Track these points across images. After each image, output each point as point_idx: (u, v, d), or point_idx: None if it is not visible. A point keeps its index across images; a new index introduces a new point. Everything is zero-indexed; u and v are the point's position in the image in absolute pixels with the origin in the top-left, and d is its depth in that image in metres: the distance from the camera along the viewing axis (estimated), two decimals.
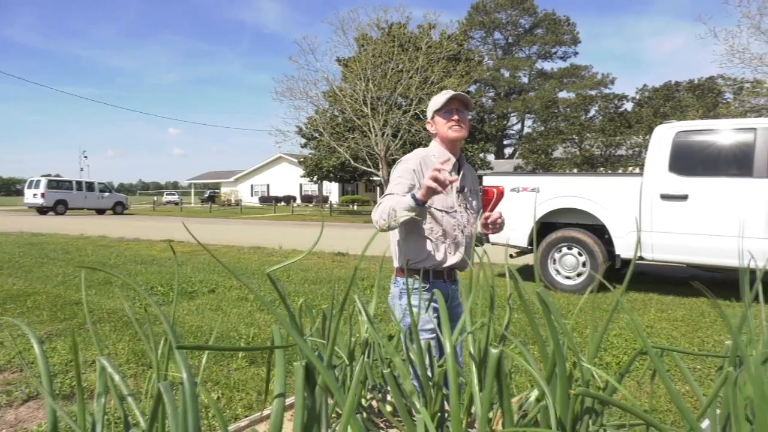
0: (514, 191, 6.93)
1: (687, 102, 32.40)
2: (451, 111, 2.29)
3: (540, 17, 53.07)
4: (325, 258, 10.07)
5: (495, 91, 53.40)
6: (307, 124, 29.21)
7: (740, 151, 5.88)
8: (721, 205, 5.83)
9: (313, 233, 16.02)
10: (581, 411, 1.02)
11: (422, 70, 24.25)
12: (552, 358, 1.06)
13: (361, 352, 1.44)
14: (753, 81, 24.19)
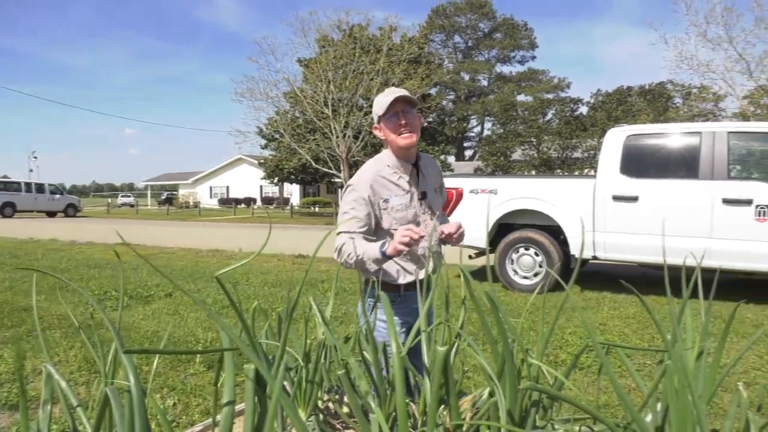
0: (472, 193, 7.03)
1: (639, 106, 33.49)
2: (397, 114, 2.09)
3: (498, 22, 53.95)
4: (286, 260, 9.99)
5: (455, 94, 54.00)
6: (268, 125, 28.92)
7: (687, 154, 6.12)
8: (669, 206, 6.05)
9: (274, 235, 15.86)
10: (529, 405, 1.05)
11: (383, 73, 24.34)
12: (502, 355, 1.09)
13: (317, 354, 1.44)
14: (700, 87, 25.17)
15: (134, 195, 62.44)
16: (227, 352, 0.80)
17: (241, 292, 6.81)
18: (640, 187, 6.23)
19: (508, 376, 1.05)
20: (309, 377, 1.41)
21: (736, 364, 4.02)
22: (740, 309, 5.79)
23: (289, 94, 26.75)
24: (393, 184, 2.14)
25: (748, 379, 3.84)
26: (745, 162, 6.06)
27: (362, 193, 2.09)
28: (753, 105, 21.60)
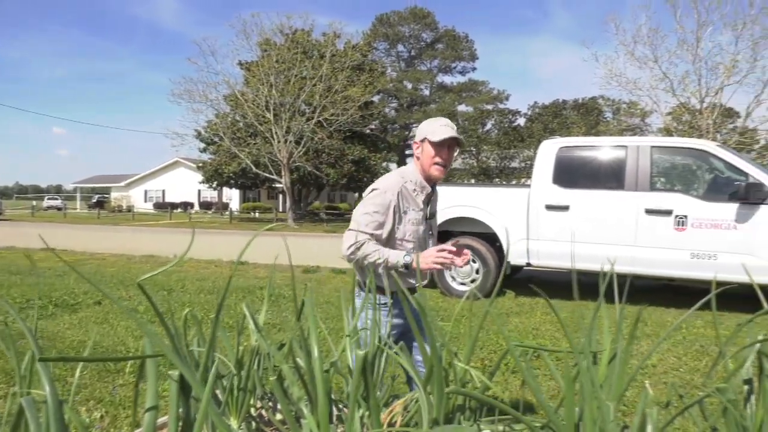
0: None
1: (573, 119, 34.93)
2: (443, 146, 2.24)
3: (441, 33, 54.95)
4: (224, 267, 9.78)
5: (398, 102, 54.53)
6: (207, 128, 28.27)
7: (614, 166, 6.44)
8: (598, 215, 6.34)
9: (213, 241, 15.49)
10: (454, 408, 1.09)
11: (326, 78, 24.31)
12: (430, 360, 1.12)
13: (250, 361, 1.43)
14: (629, 102, 26.54)
15: (62, 197, 59.40)
16: (150, 359, 0.79)
17: (176, 299, 6.61)
18: (570, 196, 6.50)
19: (435, 380, 1.08)
20: (241, 384, 1.40)
21: (643, 364, 4.25)
22: (662, 313, 6.14)
23: (229, 97, 26.28)
24: (413, 199, 2.29)
25: (668, 378, 4.06)
26: (666, 174, 6.44)
27: (390, 199, 2.21)
28: (675, 121, 22.95)
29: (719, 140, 21.14)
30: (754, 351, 1.15)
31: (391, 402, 1.44)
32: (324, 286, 7.73)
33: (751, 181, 5.74)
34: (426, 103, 53.92)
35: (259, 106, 24.51)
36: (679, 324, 5.56)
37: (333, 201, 52.18)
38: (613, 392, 1.13)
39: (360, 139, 31.08)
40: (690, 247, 5.95)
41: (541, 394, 1.03)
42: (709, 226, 5.89)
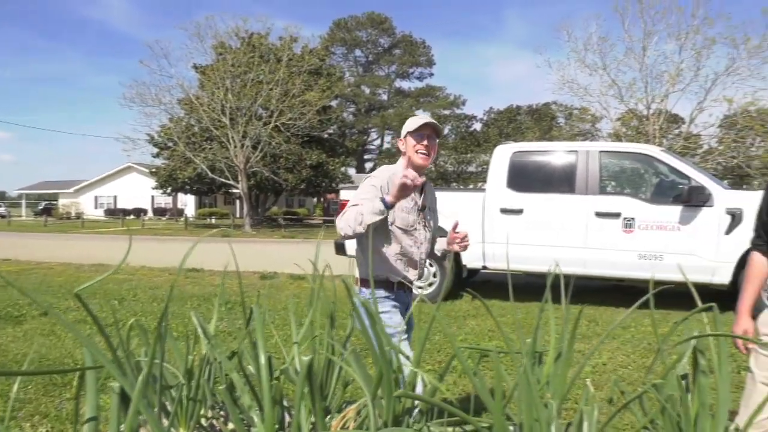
0: None
1: (527, 124, 35.71)
2: (423, 135, 2.37)
3: (398, 38, 55.34)
4: (177, 274, 9.56)
5: (356, 107, 54.58)
6: (160, 133, 27.61)
7: (565, 170, 6.62)
8: (550, 218, 6.49)
9: (167, 248, 15.11)
10: (404, 411, 1.10)
11: (283, 83, 24.12)
12: (380, 364, 1.13)
13: (200, 370, 1.41)
14: (580, 108, 27.30)
15: (6, 204, 56.86)
16: (90, 371, 0.77)
17: (127, 308, 6.43)
18: (524, 200, 6.63)
19: (384, 384, 1.09)
20: (191, 395, 1.38)
21: (595, 363, 4.37)
22: (612, 313, 6.32)
23: (183, 100, 25.76)
24: None
25: (617, 376, 4.19)
26: (614, 178, 6.65)
27: (378, 182, 2.31)
28: (624, 126, 23.74)
29: (665, 145, 21.98)
30: (689, 348, 1.20)
31: (345, 407, 1.45)
32: (282, 293, 7.65)
33: (693, 185, 5.99)
34: (384, 108, 54.15)
35: (214, 110, 24.11)
36: (620, 324, 5.73)
37: (291, 206, 51.72)
38: (557, 390, 1.17)
39: (318, 144, 30.94)
40: (637, 249, 6.16)
41: (487, 394, 1.05)
42: (655, 227, 6.11)
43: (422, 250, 2.47)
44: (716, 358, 1.20)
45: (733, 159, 21.00)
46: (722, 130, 22.62)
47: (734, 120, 21.44)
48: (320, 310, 1.56)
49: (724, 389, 1.19)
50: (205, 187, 31.45)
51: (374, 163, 55.77)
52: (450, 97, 53.24)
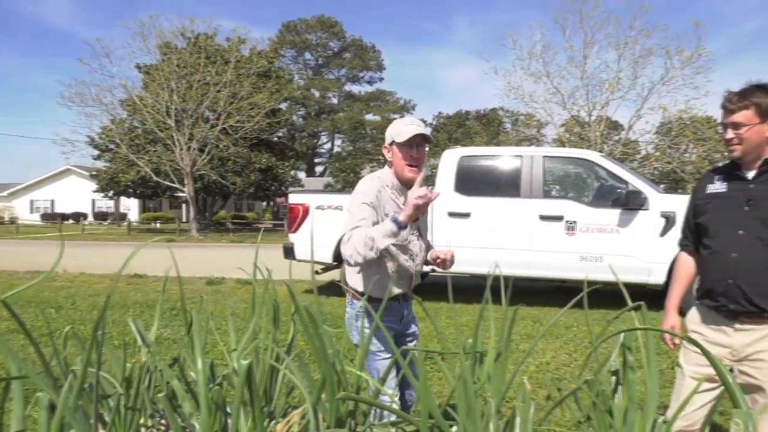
0: (319, 209, 7.12)
1: (475, 129, 36.38)
2: (413, 146, 2.23)
3: (348, 42, 55.44)
4: (120, 281, 9.24)
5: (306, 110, 54.28)
6: (102, 134, 26.64)
7: (510, 174, 6.79)
8: (496, 221, 6.64)
9: (108, 254, 14.57)
10: (347, 414, 1.11)
11: (231, 85, 23.72)
12: (323, 367, 1.14)
13: (139, 378, 1.38)
14: (526, 114, 28.05)
15: None
16: (16, 381, 0.75)
17: (64, 317, 6.17)
18: (471, 204, 6.76)
19: (327, 387, 1.10)
20: (129, 403, 1.34)
21: (526, 362, 4.50)
22: (556, 313, 6.51)
23: (126, 101, 24.94)
24: (393, 201, 2.28)
25: (559, 374, 4.32)
26: (557, 182, 6.87)
27: (370, 198, 2.21)
28: (568, 132, 24.55)
29: (606, 151, 22.86)
30: (618, 344, 1.26)
31: (290, 411, 1.44)
32: (229, 298, 7.51)
33: (631, 189, 6.25)
34: (334, 111, 54.09)
35: (159, 111, 23.45)
36: (554, 323, 5.91)
37: (240, 210, 50.84)
38: (496, 389, 1.20)
39: (267, 147, 30.57)
40: (579, 251, 6.38)
41: (428, 395, 1.07)
42: (596, 230, 6.35)
43: (417, 261, 2.39)
44: (644, 353, 1.26)
45: (669, 164, 22.06)
46: (658, 136, 23.74)
47: (669, 127, 22.54)
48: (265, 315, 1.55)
49: (653, 384, 1.25)
50: (150, 190, 30.55)
51: (324, 167, 55.57)
52: (400, 102, 53.73)
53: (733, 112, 1.95)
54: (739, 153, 1.99)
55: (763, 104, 1.91)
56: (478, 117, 38.88)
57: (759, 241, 1.94)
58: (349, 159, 37.43)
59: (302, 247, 7.16)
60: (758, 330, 1.97)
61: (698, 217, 2.17)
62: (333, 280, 8.78)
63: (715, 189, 2.11)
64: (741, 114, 1.94)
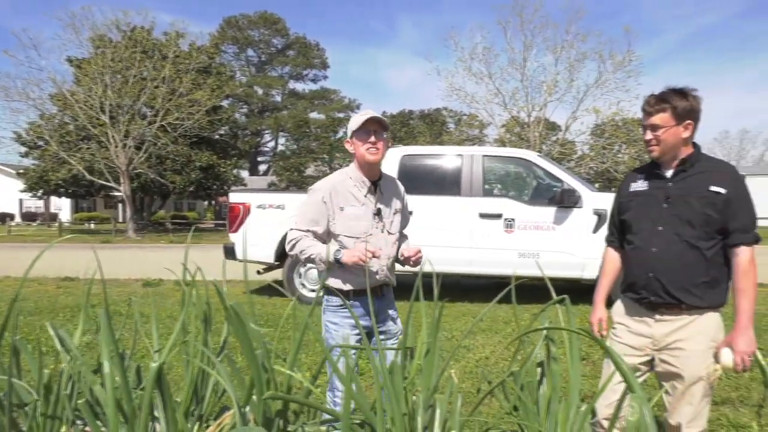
0: (260, 208, 7.01)
1: (419, 129, 36.74)
2: (369, 132, 2.29)
3: (292, 39, 54.84)
4: (49, 284, 8.81)
5: (248, 108, 53.35)
6: (29, 131, 25.26)
7: (452, 173, 6.90)
8: (439, 220, 6.72)
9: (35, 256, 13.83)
10: (275, 413, 1.10)
11: (169, 80, 23.00)
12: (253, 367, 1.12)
13: (59, 385, 1.32)
14: (469, 115, 28.60)
15: None
16: None
17: None
18: (413, 202, 6.79)
19: (256, 387, 1.09)
20: (49, 410, 1.28)
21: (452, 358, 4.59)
22: (495, 309, 6.67)
23: (56, 96, 23.75)
24: (351, 195, 2.35)
25: (498, 369, 4.43)
26: (496, 181, 7.03)
27: (321, 196, 2.31)
28: (509, 133, 25.19)
29: (544, 151, 23.61)
30: (542, 337, 1.31)
31: (223, 413, 1.41)
32: (167, 300, 7.29)
33: (566, 188, 6.48)
34: (278, 109, 53.42)
35: (92, 107, 22.46)
36: (481, 317, 6.06)
37: (180, 210, 49.43)
38: (425, 384, 1.22)
39: (208, 145, 29.83)
40: (517, 248, 6.55)
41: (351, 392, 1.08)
42: (533, 228, 6.54)
43: (383, 255, 2.36)
44: (567, 345, 1.31)
45: (603, 164, 23.00)
46: (593, 137, 24.71)
47: (603, 129, 23.51)
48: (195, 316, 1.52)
49: (575, 374, 1.30)
50: (83, 189, 29.21)
51: (268, 166, 54.77)
52: (345, 100, 53.63)
53: (652, 115, 2.06)
54: (657, 153, 2.10)
55: (679, 107, 2.02)
56: (422, 117, 39.29)
57: (676, 237, 2.06)
58: (294, 158, 37.00)
59: (242, 247, 7.04)
60: (676, 320, 2.09)
61: (622, 214, 2.27)
62: (277, 279, 8.68)
63: (637, 187, 2.22)
64: (659, 116, 2.04)
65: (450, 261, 6.68)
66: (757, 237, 2.05)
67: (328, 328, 2.38)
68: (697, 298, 2.05)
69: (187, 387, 1.30)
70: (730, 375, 3.68)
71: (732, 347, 1.99)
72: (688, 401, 2.08)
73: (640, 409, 0.64)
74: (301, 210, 2.37)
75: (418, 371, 1.20)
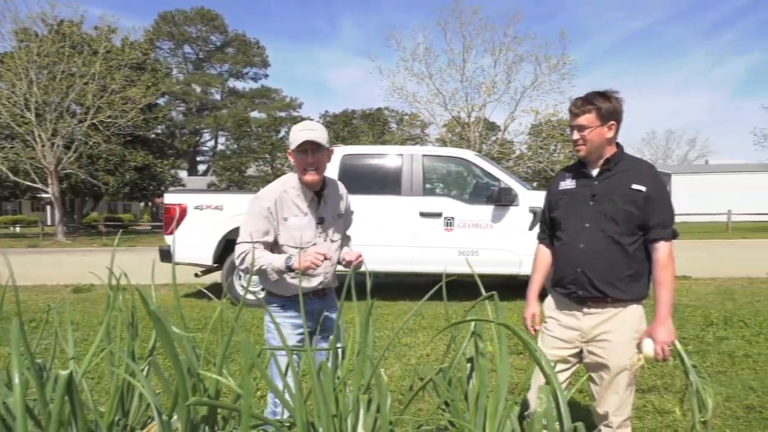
0: (197, 209, 6.83)
1: (361, 129, 36.76)
2: (306, 152, 2.26)
3: (231, 37, 53.68)
4: None
5: (186, 106, 51.87)
6: None
7: (392, 173, 6.94)
8: (380, 219, 6.74)
9: None
10: (201, 419, 1.07)
11: (101, 77, 22.06)
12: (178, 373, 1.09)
13: None
14: (410, 114, 28.87)
15: None
16: None
17: None
18: (354, 202, 6.76)
19: (180, 393, 1.06)
20: None
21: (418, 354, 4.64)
22: (437, 306, 6.75)
23: None
24: (295, 205, 2.34)
25: (437, 365, 4.48)
26: (436, 180, 7.12)
27: (266, 205, 2.29)
28: (450, 132, 25.59)
29: (484, 151, 24.15)
30: (470, 333, 1.34)
31: (150, 422, 1.37)
32: (98, 306, 6.99)
33: (503, 186, 6.64)
34: (217, 108, 52.18)
35: (16, 104, 21.25)
36: (414, 313, 6.14)
37: (115, 211, 47.54)
38: (356, 383, 1.22)
39: (144, 145, 28.81)
40: (457, 246, 6.66)
41: (278, 391, 1.07)
42: (472, 226, 6.66)
43: (326, 263, 2.35)
44: (496, 340, 1.34)
45: (540, 163, 23.73)
46: (530, 137, 25.46)
47: (539, 129, 24.26)
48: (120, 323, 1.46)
49: (504, 368, 1.34)
50: (7, 191, 27.66)
51: (208, 166, 53.43)
52: (286, 99, 52.98)
53: (578, 116, 2.14)
54: (584, 153, 2.18)
55: (604, 108, 2.11)
56: (364, 116, 39.31)
57: (602, 233, 2.14)
58: (234, 157, 36.20)
59: (179, 249, 6.83)
60: (603, 313, 2.18)
61: (552, 212, 2.35)
62: (216, 282, 8.48)
63: (566, 186, 2.30)
64: (585, 117, 2.13)
65: (391, 260, 6.72)
66: (675, 233, 2.17)
67: (269, 328, 2.39)
68: (622, 292, 2.14)
69: (112, 397, 1.25)
70: (656, 364, 3.87)
71: (653, 338, 2.10)
72: (614, 390, 2.17)
73: (548, 399, 0.67)
74: (247, 221, 2.34)
75: (348, 371, 1.20)
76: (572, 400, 3.56)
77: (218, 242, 6.83)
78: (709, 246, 15.64)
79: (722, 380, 3.91)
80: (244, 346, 0.94)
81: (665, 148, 59.88)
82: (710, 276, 8.95)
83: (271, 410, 2.31)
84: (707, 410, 1.99)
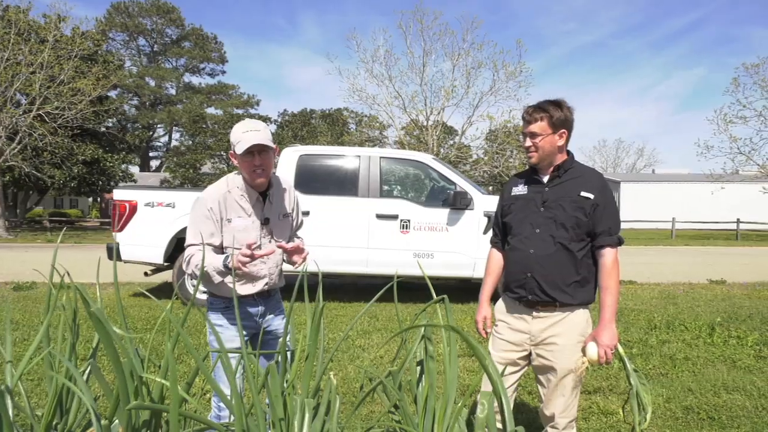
0: (148, 206, 6.65)
1: (320, 129, 36.59)
2: (252, 154, 2.18)
3: (187, 30, 52.44)
4: None
5: (139, 100, 50.42)
6: None
7: (349, 174, 6.93)
8: (336, 220, 6.72)
9: None
10: (142, 424, 1.04)
11: (48, 66, 21.20)
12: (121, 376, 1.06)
13: None
14: (370, 116, 28.90)
15: None
16: None
17: None
18: (311, 202, 6.76)
19: (121, 396, 1.02)
20: None
21: (373, 356, 4.65)
22: (392, 308, 6.78)
23: None
24: (239, 206, 2.28)
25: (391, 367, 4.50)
26: (393, 182, 7.15)
27: (209, 206, 2.23)
28: (408, 135, 25.74)
29: (442, 154, 24.41)
30: (419, 336, 1.35)
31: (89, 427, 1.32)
32: (40, 305, 6.71)
33: (458, 190, 6.72)
34: (172, 102, 50.90)
35: None
36: (365, 314, 6.19)
37: (61, 206, 45.78)
38: (305, 385, 1.21)
39: (94, 138, 27.83)
40: (413, 248, 6.70)
41: (236, 396, 1.05)
42: (427, 229, 6.72)
43: (270, 264, 2.35)
44: (445, 343, 1.35)
45: (495, 168, 24.14)
46: (487, 142, 25.89)
47: (496, 135, 24.69)
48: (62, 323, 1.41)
49: (452, 371, 1.35)
50: None
51: (161, 161, 52.06)
52: (244, 96, 52.13)
53: (531, 123, 2.20)
54: (535, 159, 2.23)
55: (555, 117, 2.17)
56: (323, 116, 39.15)
57: (551, 239, 2.20)
58: (189, 154, 35.41)
59: (128, 247, 6.63)
60: (551, 317, 2.23)
61: (505, 217, 2.39)
62: (167, 282, 8.27)
63: (519, 191, 2.35)
64: (537, 125, 2.18)
65: (347, 261, 6.72)
66: (620, 239, 2.25)
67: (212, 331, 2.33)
68: (570, 297, 2.20)
69: (50, 400, 1.20)
70: (601, 366, 3.99)
71: (597, 341, 2.16)
72: (561, 393, 2.23)
73: (489, 405, 0.68)
74: (192, 223, 2.27)
75: (297, 374, 1.19)
76: (521, 402, 3.64)
77: (169, 241, 6.67)
78: (654, 252, 16.27)
79: (663, 382, 4.07)
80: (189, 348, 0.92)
81: (615, 157, 61.96)
82: (654, 281, 9.30)
83: (215, 414, 2.26)
84: (646, 413, 2.07)
